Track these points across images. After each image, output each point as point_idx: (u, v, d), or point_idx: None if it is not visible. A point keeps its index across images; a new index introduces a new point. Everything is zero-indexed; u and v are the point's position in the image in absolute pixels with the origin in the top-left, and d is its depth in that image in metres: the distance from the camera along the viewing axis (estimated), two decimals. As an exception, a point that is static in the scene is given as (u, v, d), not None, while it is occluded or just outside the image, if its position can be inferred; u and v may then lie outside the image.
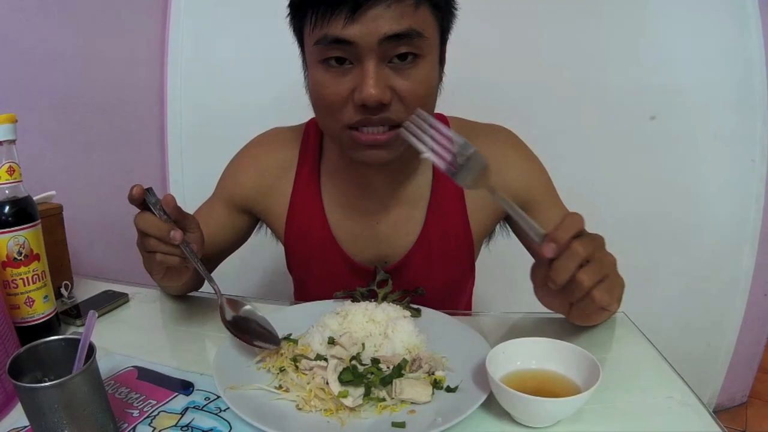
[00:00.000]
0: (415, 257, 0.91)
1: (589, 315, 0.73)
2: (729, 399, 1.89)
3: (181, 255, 0.69)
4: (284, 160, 0.93)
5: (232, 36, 1.61)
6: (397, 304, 0.80)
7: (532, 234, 0.60)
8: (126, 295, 0.93)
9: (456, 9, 0.77)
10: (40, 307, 0.77)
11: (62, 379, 0.51)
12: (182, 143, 1.70)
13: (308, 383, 0.64)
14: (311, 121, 0.94)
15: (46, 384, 0.51)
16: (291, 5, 0.75)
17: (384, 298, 0.83)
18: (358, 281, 0.87)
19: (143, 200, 0.67)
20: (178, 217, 0.68)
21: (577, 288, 0.58)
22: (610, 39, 1.52)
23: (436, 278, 0.92)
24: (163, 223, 0.67)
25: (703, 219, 1.63)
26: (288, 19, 0.77)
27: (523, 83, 1.53)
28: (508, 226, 0.96)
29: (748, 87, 1.52)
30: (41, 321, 0.78)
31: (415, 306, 0.83)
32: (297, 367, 0.67)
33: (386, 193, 0.90)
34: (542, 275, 0.60)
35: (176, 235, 0.66)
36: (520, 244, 0.94)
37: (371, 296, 0.84)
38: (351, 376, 0.63)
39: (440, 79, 0.80)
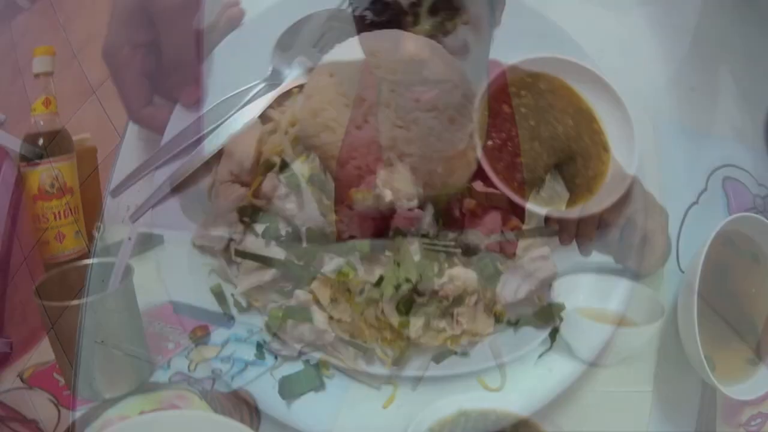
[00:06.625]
0: None
1: None
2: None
3: None
4: None
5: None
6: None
7: None
8: (161, 236, 0.89)
9: None
10: (70, 243, 0.73)
11: (95, 296, 0.46)
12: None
13: (362, 312, 0.58)
14: None
15: (77, 301, 0.46)
16: None
17: None
18: None
19: None
20: None
21: None
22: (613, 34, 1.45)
23: None
24: None
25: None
26: None
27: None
28: None
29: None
30: (71, 258, 0.74)
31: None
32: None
33: None
34: None
35: None
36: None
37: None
38: (410, 306, 0.58)
39: None
